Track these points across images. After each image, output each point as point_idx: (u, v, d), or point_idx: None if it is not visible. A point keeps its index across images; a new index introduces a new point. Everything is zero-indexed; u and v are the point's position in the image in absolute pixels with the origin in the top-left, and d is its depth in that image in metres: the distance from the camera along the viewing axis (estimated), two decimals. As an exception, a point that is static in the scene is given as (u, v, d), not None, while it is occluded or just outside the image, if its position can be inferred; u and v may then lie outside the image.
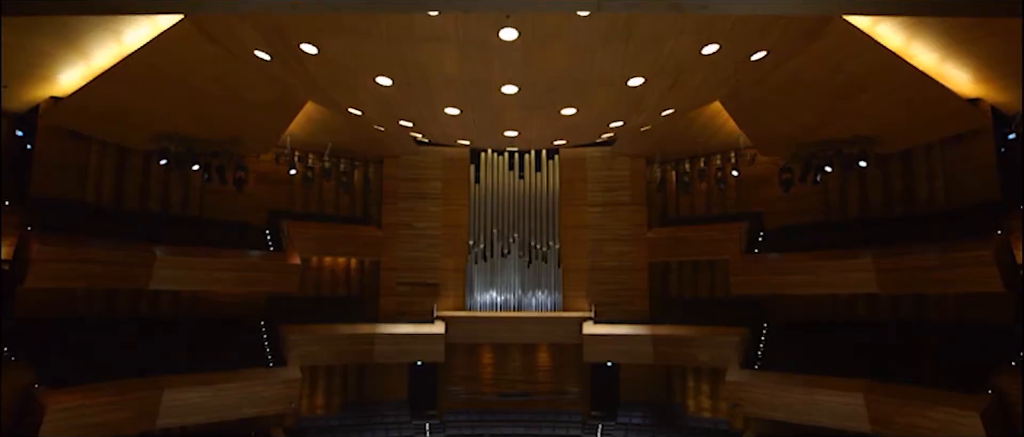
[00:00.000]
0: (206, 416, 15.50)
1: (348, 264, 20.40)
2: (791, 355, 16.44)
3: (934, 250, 13.69)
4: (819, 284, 15.88)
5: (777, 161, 16.94)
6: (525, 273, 20.34)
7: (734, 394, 16.78)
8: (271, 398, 16.69)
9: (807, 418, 15.29)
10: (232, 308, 18.00)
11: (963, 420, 12.09)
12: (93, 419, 13.24)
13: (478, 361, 20.72)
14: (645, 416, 19.29)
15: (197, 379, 15.25)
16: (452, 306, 20.28)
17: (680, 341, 18.28)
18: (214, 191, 17.46)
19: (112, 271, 14.36)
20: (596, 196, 20.52)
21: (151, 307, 16.62)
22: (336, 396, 19.63)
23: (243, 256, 17.16)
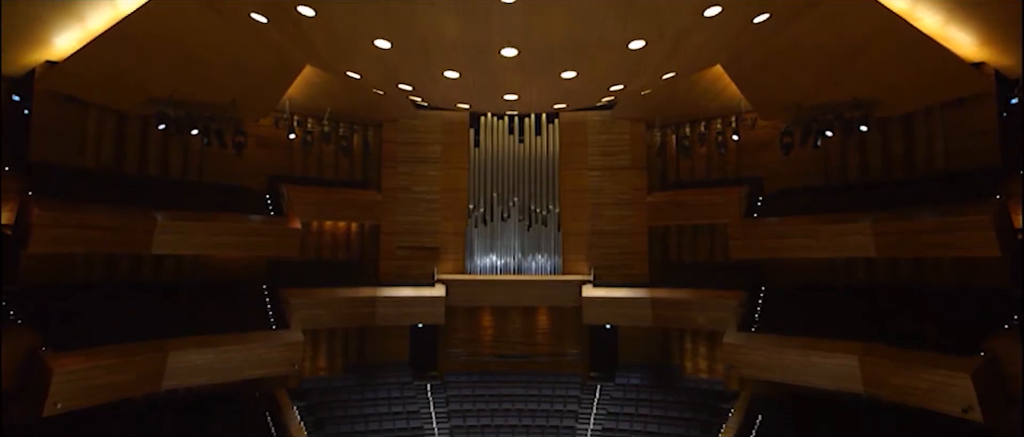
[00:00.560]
0: (210, 377, 15.76)
1: (348, 228, 20.47)
2: (788, 318, 16.62)
3: (932, 214, 13.74)
4: (818, 248, 15.97)
5: (777, 125, 16.86)
6: (525, 237, 20.43)
7: (731, 356, 17.02)
8: (274, 360, 16.93)
9: (802, 379, 15.55)
10: (234, 272, 18.13)
11: (955, 382, 12.29)
12: (100, 381, 13.46)
13: (478, 323, 20.96)
14: (643, 377, 19.61)
15: (201, 341, 15.44)
16: (452, 269, 20.42)
17: (678, 304, 18.47)
18: (213, 155, 17.43)
19: (113, 236, 14.42)
20: (596, 160, 20.48)
21: (153, 271, 16.75)
22: (338, 358, 19.91)
23: (244, 220, 17.20)
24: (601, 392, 19.44)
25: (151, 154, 16.63)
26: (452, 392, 19.68)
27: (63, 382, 12.61)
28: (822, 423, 15.82)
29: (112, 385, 13.72)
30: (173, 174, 17.04)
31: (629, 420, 18.21)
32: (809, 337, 15.41)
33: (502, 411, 19.02)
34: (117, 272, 16.10)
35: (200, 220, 16.09)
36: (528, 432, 18.39)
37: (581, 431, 18.33)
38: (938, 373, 12.66)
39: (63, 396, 12.64)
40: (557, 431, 18.38)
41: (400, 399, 19.12)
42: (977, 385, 11.96)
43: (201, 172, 17.58)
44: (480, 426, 18.58)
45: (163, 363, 14.57)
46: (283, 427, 17.05)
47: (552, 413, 18.90)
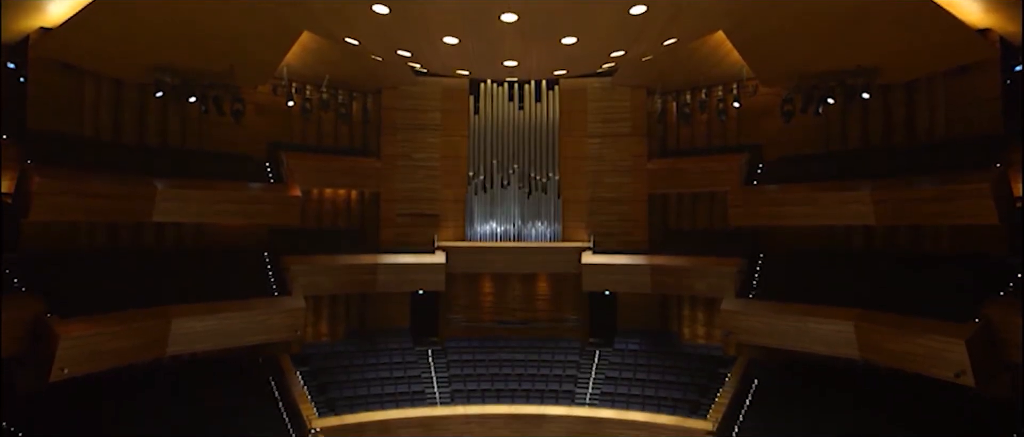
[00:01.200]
0: (214, 343, 15.98)
1: (348, 195, 20.48)
2: (786, 284, 16.75)
3: (932, 182, 13.75)
4: (817, 215, 16.02)
5: (779, 92, 16.76)
6: (525, 204, 20.46)
7: (729, 322, 17.20)
8: (276, 326, 17.13)
9: (799, 345, 15.74)
10: (235, 239, 18.21)
11: (949, 347, 12.44)
12: (105, 347, 13.63)
13: (478, 290, 21.13)
14: (642, 343, 19.84)
15: (204, 308, 15.59)
16: (452, 236, 20.49)
17: (677, 271, 18.59)
18: (212, 123, 17.35)
19: (114, 204, 14.46)
20: (596, 127, 20.39)
21: (155, 239, 16.82)
22: (340, 324, 20.12)
23: (244, 188, 17.23)
24: (600, 357, 19.70)
25: (149, 122, 16.56)
26: (452, 357, 19.94)
27: (69, 348, 12.77)
28: (817, 388, 16.08)
29: (117, 351, 13.91)
30: (172, 142, 16.99)
31: (627, 385, 18.48)
32: (806, 303, 15.56)
33: (502, 376, 19.30)
34: (119, 240, 16.17)
35: (200, 188, 16.11)
36: (528, 396, 18.69)
37: (580, 395, 18.63)
38: (933, 339, 12.82)
39: (70, 362, 12.81)
40: (556, 395, 18.68)
41: (401, 364, 19.38)
42: (971, 351, 12.12)
43: (200, 140, 17.52)
44: (480, 390, 18.87)
45: (167, 329, 14.74)
46: (286, 391, 17.33)
47: (551, 378, 19.17)
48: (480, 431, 17.89)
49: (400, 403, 18.13)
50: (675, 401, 17.62)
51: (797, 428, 15.17)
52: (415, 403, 18.25)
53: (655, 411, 17.52)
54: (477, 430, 17.91)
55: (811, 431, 14.92)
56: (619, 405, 17.95)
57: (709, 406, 17.18)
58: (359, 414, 17.53)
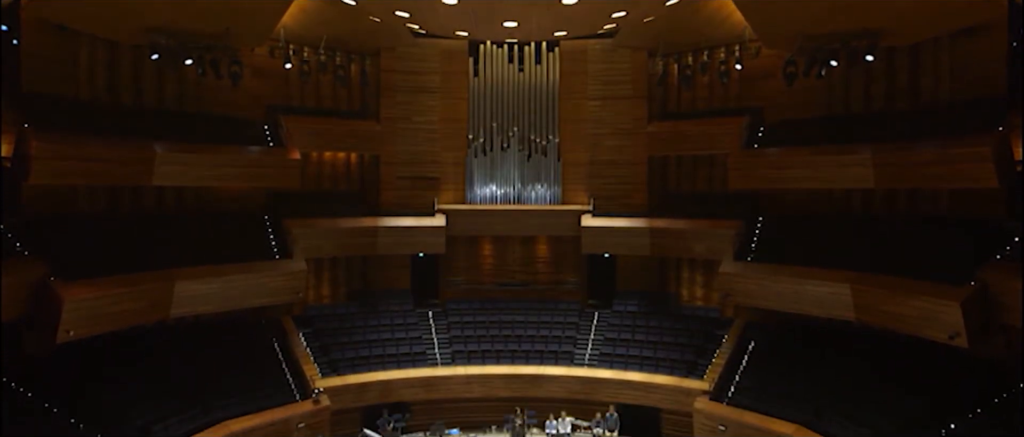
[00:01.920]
0: (217, 306, 16.16)
1: (348, 158, 20.43)
2: (784, 247, 16.85)
3: (933, 145, 13.72)
4: (817, 179, 16.03)
5: (781, 54, 16.53)
6: (524, 167, 20.43)
7: (727, 284, 17.36)
8: (278, 289, 17.29)
9: (796, 307, 15.92)
10: (235, 203, 18.23)
11: (944, 310, 12.58)
12: (110, 309, 13.79)
13: (478, 252, 21.25)
14: (640, 305, 20.04)
15: (206, 271, 15.71)
16: (452, 199, 20.52)
17: (676, 234, 18.68)
18: (209, 86, 17.18)
19: (114, 168, 14.45)
20: (596, 89, 20.22)
21: (155, 203, 16.85)
22: (341, 286, 20.29)
23: (243, 152, 17.19)
24: (599, 319, 19.92)
25: (146, 85, 16.41)
26: (453, 319, 20.17)
27: (74, 310, 12.91)
28: (813, 349, 16.31)
29: (122, 313, 14.08)
30: (169, 105, 16.86)
31: (626, 345, 18.75)
32: (804, 266, 15.67)
33: (502, 337, 19.55)
34: (119, 203, 16.20)
35: (200, 152, 16.07)
36: (527, 357, 18.97)
37: (579, 356, 18.91)
38: (928, 301, 12.95)
39: (75, 324, 12.97)
40: (556, 356, 18.95)
41: (403, 326, 19.61)
42: (966, 313, 12.26)
43: (198, 103, 17.38)
44: (481, 352, 19.14)
45: (170, 292, 14.88)
46: (289, 353, 17.59)
47: (551, 339, 19.43)
48: (481, 391, 18.21)
49: (402, 364, 18.41)
50: (672, 362, 17.89)
51: (792, 388, 15.45)
52: (416, 364, 18.52)
53: (653, 371, 17.80)
54: (478, 390, 18.22)
55: (806, 391, 15.20)
56: (617, 366, 18.23)
57: (706, 367, 17.45)
58: (361, 374, 17.82)
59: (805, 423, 14.37)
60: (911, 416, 13.32)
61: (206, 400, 15.10)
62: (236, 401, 15.37)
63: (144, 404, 14.18)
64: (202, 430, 14.25)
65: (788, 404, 15.01)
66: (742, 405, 15.62)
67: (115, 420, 13.43)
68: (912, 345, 14.19)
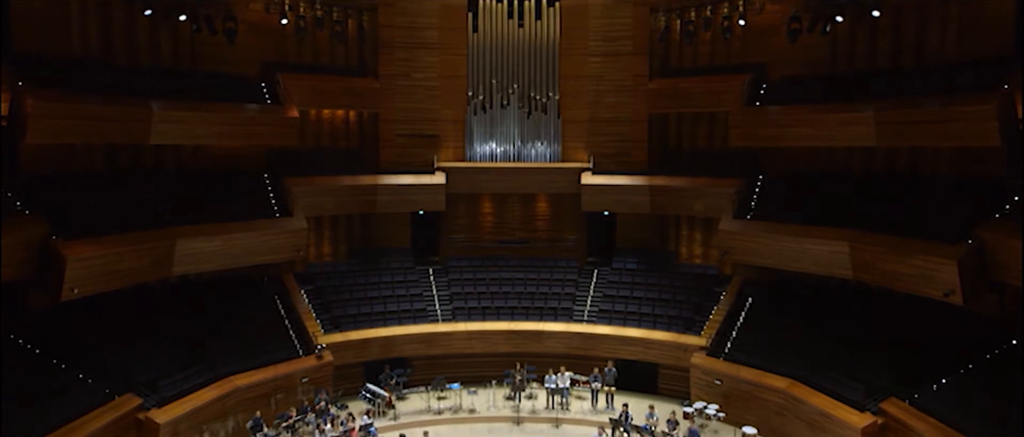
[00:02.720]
0: (219, 263, 16.27)
1: (347, 116, 20.27)
2: (784, 205, 16.88)
3: (936, 103, 13.62)
4: (818, 137, 15.95)
5: (786, 9, 16.31)
6: (524, 124, 20.29)
7: (725, 242, 17.46)
8: (279, 246, 17.39)
9: (794, 265, 16.05)
10: (234, 161, 18.17)
11: (940, 268, 12.70)
12: (113, 267, 13.92)
13: (478, 210, 21.28)
14: (639, 262, 20.18)
15: (208, 229, 15.79)
16: (452, 157, 20.44)
17: (676, 191, 18.68)
18: (205, 43, 16.94)
19: (111, 127, 14.38)
20: (597, 45, 19.92)
21: (154, 161, 16.80)
22: (342, 244, 20.38)
23: (241, 110, 17.06)
24: (598, 276, 20.08)
25: (140, 42, 16.15)
26: (453, 276, 20.33)
27: (77, 269, 13.02)
28: (809, 306, 16.48)
29: (125, 271, 14.21)
30: (165, 63, 16.64)
31: (624, 302, 18.94)
32: (803, 224, 15.73)
33: (502, 294, 19.73)
34: (118, 162, 16.16)
35: (197, 110, 15.96)
36: (527, 314, 19.18)
37: (578, 313, 19.12)
38: (926, 259, 13.06)
39: (78, 282, 13.10)
40: (555, 313, 19.16)
41: (403, 283, 19.78)
42: (962, 272, 12.37)
43: (193, 60, 17.16)
44: (481, 308, 19.35)
45: (172, 250, 14.98)
46: (292, 309, 17.78)
47: (550, 296, 19.62)
48: (481, 346, 18.47)
49: (403, 320, 18.63)
50: (670, 318, 18.11)
51: (788, 345, 15.67)
52: (417, 320, 18.75)
53: (651, 328, 18.01)
54: (478, 345, 18.49)
55: (801, 348, 15.42)
56: (616, 322, 18.45)
57: (703, 323, 17.66)
58: (363, 331, 18.04)
59: (800, 378, 14.62)
60: (903, 372, 13.57)
61: (210, 356, 15.34)
62: (240, 357, 15.61)
63: (150, 360, 14.41)
64: (207, 385, 14.52)
65: (783, 360, 15.26)
66: (738, 360, 15.87)
67: (121, 376, 13.67)
68: (906, 303, 14.35)
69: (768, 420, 14.77)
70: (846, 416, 13.13)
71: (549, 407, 16.53)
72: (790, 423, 14.44)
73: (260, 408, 14.87)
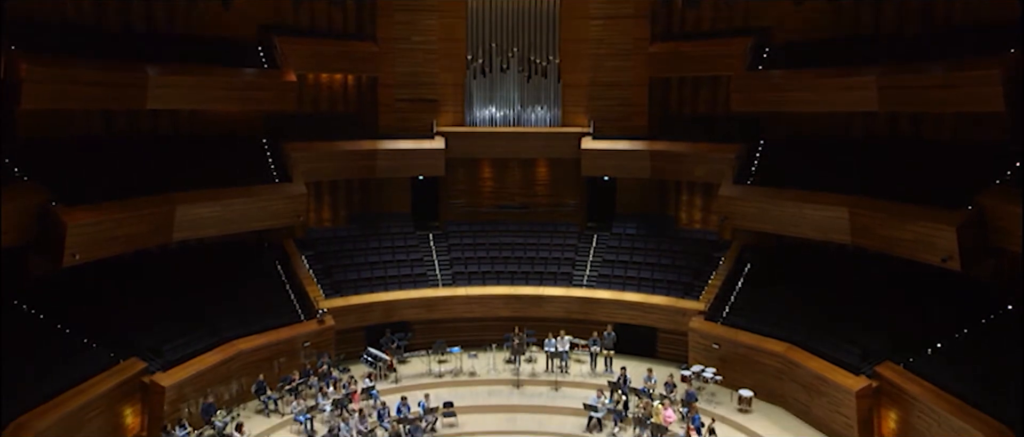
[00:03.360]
0: (219, 229, 16.31)
1: (345, 80, 20.05)
2: (784, 170, 16.83)
3: (940, 68, 13.47)
4: (821, 102, 15.84)
5: (792, -30, 16.02)
6: (524, 88, 20.10)
7: (725, 207, 17.47)
8: (279, 211, 17.41)
9: (793, 230, 16.10)
10: (232, 126, 18.03)
11: (939, 234, 12.74)
12: (113, 233, 13.95)
13: (478, 175, 21.23)
14: (639, 227, 20.21)
15: (207, 195, 15.78)
16: (451, 121, 20.30)
17: (677, 156, 18.62)
18: (199, 6, 16.65)
19: (107, 92, 14.25)
20: (598, 8, 19.59)
21: (151, 126, 16.68)
22: (342, 209, 20.38)
23: (238, 74, 16.89)
24: (598, 241, 20.13)
25: (134, 6, 15.87)
26: (453, 241, 20.38)
27: (77, 234, 13.05)
28: (807, 271, 16.56)
29: (125, 237, 14.24)
30: (159, 26, 16.38)
31: (624, 267, 19.03)
32: (804, 190, 15.72)
33: (502, 259, 19.81)
34: (115, 127, 16.05)
35: (193, 74, 15.80)
36: (527, 278, 19.28)
37: (578, 277, 19.22)
38: (925, 226, 13.09)
39: (79, 248, 13.13)
40: (555, 277, 19.26)
41: (404, 248, 19.83)
42: (961, 237, 12.41)
43: (188, 24, 16.87)
44: (481, 273, 19.44)
45: (172, 216, 15.00)
46: (293, 275, 17.87)
47: (550, 261, 19.69)
48: (481, 311, 18.62)
49: (403, 285, 18.73)
50: (669, 283, 18.21)
51: (786, 309, 15.80)
52: (418, 285, 18.85)
53: (650, 292, 18.14)
54: (478, 310, 18.63)
55: (799, 312, 15.56)
56: (615, 286, 18.56)
57: (702, 288, 17.77)
58: (364, 295, 18.16)
59: (796, 342, 14.79)
60: (900, 336, 13.72)
61: (213, 321, 15.47)
62: (242, 321, 15.75)
63: (152, 325, 14.54)
64: (210, 349, 14.68)
65: (781, 324, 15.40)
66: (736, 325, 16.02)
67: (125, 341, 13.81)
68: (904, 268, 14.43)
69: (764, 383, 15.00)
70: (841, 379, 13.32)
71: (549, 370, 16.75)
72: (786, 386, 14.66)
73: (263, 371, 15.09)
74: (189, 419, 13.22)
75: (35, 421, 10.93)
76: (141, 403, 13.28)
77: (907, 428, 12.43)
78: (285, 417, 14.48)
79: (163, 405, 13.11)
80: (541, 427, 14.98)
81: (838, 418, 13.35)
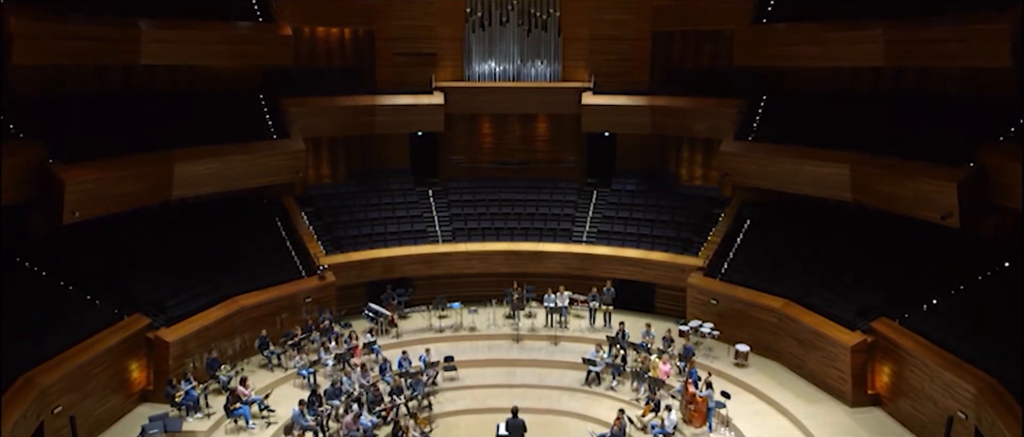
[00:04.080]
0: (218, 186, 16.28)
1: (342, 34, 19.71)
2: (787, 126, 16.68)
3: (947, 21, 13.21)
4: (826, 57, 15.58)
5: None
6: (524, 42, 19.78)
7: (726, 163, 17.39)
8: (278, 168, 17.35)
9: (793, 187, 16.06)
10: (228, 81, 17.81)
11: (940, 190, 12.72)
12: (112, 191, 13.94)
13: (477, 131, 21.07)
14: (639, 183, 20.16)
15: (205, 152, 15.70)
16: (450, 76, 20.05)
17: (678, 112, 18.44)
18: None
19: (99, 47, 14.03)
20: (600, -41, 19.18)
21: (145, 82, 16.47)
22: (341, 166, 20.30)
23: (232, 28, 16.59)
24: (597, 197, 20.10)
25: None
26: (453, 197, 20.36)
27: (76, 192, 13.05)
28: (806, 228, 16.57)
29: (124, 195, 14.24)
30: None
31: (623, 223, 19.05)
32: (805, 146, 15.61)
33: (501, 215, 19.81)
34: (109, 83, 15.85)
35: (187, 28, 15.53)
36: (526, 234, 19.32)
37: (577, 234, 19.27)
38: (926, 182, 13.06)
39: (79, 206, 13.16)
40: (554, 233, 19.31)
41: (403, 204, 19.84)
42: (961, 194, 12.39)
43: (181, -25, 16.50)
44: (480, 229, 19.48)
45: (170, 173, 14.96)
46: (293, 231, 17.91)
47: (549, 217, 19.71)
48: (481, 267, 18.73)
49: (404, 241, 18.81)
50: (669, 239, 18.26)
51: (784, 265, 15.87)
52: (418, 241, 18.93)
53: (649, 249, 18.18)
54: (478, 266, 18.74)
55: (797, 268, 15.62)
56: (615, 243, 18.62)
57: (701, 244, 17.82)
58: (364, 251, 18.24)
59: (794, 298, 14.90)
60: (896, 292, 13.81)
61: (214, 278, 15.56)
62: (244, 278, 15.84)
63: (154, 282, 14.63)
64: (213, 305, 14.81)
65: (779, 280, 15.49)
66: (734, 281, 16.13)
67: (128, 297, 13.91)
68: (902, 224, 14.44)
69: (761, 338, 15.18)
70: (837, 335, 13.47)
71: (548, 325, 16.95)
72: (782, 341, 14.84)
73: (266, 327, 15.25)
74: (194, 373, 13.44)
75: (42, 376, 11.10)
76: (146, 358, 13.47)
77: (900, 382, 12.64)
78: (288, 371, 14.71)
79: (168, 360, 13.30)
80: (540, 381, 15.25)
81: (832, 372, 13.56)
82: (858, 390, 13.20)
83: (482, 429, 13.37)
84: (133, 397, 13.29)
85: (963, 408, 10.87)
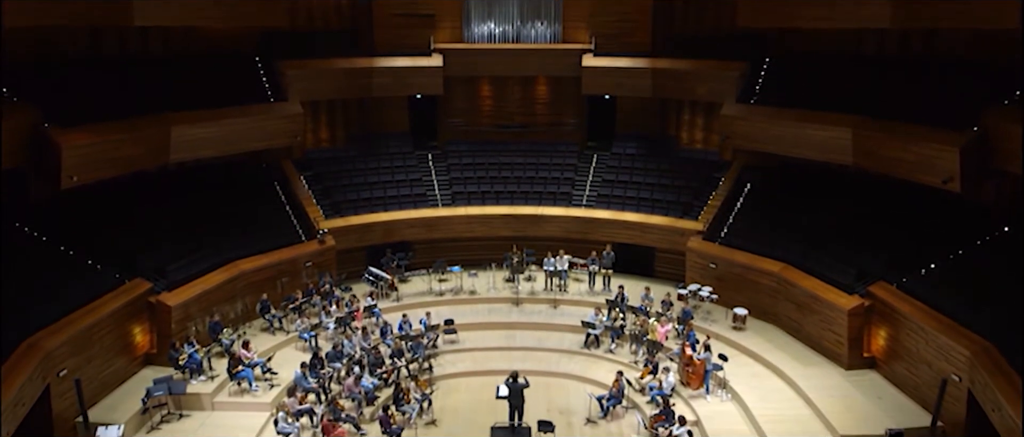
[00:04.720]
0: (216, 149, 16.21)
1: (338, -7, 19.38)
2: (789, 90, 16.51)
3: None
4: (831, 18, 15.28)
5: None
6: (524, 3, 19.45)
7: (727, 127, 17.26)
8: (276, 131, 17.25)
9: (794, 151, 15.96)
10: (224, 43, 17.56)
11: (942, 155, 12.64)
12: (110, 155, 13.87)
13: (477, 93, 20.87)
14: (639, 147, 20.05)
15: (202, 116, 15.58)
16: (449, 38, 19.78)
17: (679, 75, 18.23)
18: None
19: (91, 8, 13.77)
20: (602, -84, 18.73)
21: (140, 45, 16.23)
22: (339, 129, 20.15)
23: (226, -13, 16.27)
24: (597, 160, 20.02)
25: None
26: (452, 161, 20.27)
27: (74, 156, 12.99)
28: (806, 192, 16.52)
29: (122, 159, 14.17)
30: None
31: (623, 187, 19.01)
32: (807, 109, 15.47)
33: (501, 179, 19.77)
34: (103, 45, 15.63)
35: (178, -12, 15.23)
36: (526, 198, 19.30)
37: (577, 197, 19.24)
38: (928, 146, 12.97)
39: (76, 170, 13.10)
40: (554, 197, 19.28)
41: (403, 168, 19.76)
42: (963, 159, 12.32)
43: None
44: (480, 193, 19.45)
45: (168, 136, 14.87)
46: (292, 195, 17.88)
47: (549, 180, 19.66)
48: (481, 230, 18.76)
49: (403, 205, 18.80)
50: (669, 203, 18.23)
51: (784, 230, 15.87)
52: (417, 205, 18.91)
53: (649, 212, 18.18)
54: (478, 229, 18.77)
55: (797, 233, 15.63)
56: (614, 206, 18.61)
57: (701, 208, 17.80)
58: (364, 215, 18.25)
59: (793, 263, 14.94)
60: (895, 256, 13.83)
61: (214, 242, 15.58)
62: (244, 242, 15.86)
63: (155, 247, 14.65)
64: (214, 270, 14.86)
65: (778, 244, 15.51)
66: (734, 245, 16.15)
67: (129, 261, 13.95)
68: (903, 189, 14.40)
69: (759, 302, 15.27)
70: (834, 298, 13.55)
71: (547, 289, 17.04)
72: (780, 304, 14.93)
73: (267, 291, 15.33)
74: (197, 337, 13.56)
75: (46, 340, 11.19)
76: (149, 322, 13.57)
77: (895, 345, 12.75)
78: (290, 335, 14.84)
79: (170, 324, 13.40)
80: (540, 343, 15.40)
81: (829, 335, 13.68)
82: (854, 353, 13.33)
83: (482, 391, 13.55)
84: (137, 360, 13.43)
85: (957, 371, 10.99)
